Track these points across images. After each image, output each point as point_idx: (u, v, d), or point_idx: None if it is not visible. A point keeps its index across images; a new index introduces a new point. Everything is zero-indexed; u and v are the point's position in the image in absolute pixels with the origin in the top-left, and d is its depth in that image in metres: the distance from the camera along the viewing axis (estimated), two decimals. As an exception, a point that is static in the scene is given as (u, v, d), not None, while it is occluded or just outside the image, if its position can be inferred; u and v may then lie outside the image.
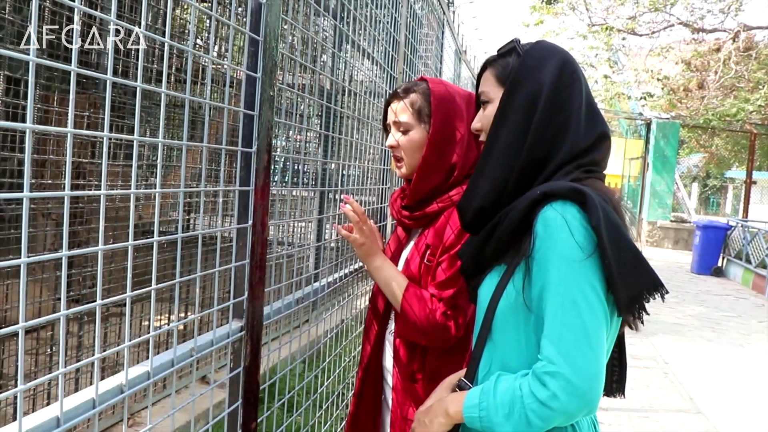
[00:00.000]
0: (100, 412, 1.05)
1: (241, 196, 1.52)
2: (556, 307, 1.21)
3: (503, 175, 1.39)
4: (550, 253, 1.24)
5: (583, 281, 1.21)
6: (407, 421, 1.87)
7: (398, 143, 1.94)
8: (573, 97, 1.39)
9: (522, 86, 1.40)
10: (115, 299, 1.09)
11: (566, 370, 1.16)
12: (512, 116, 1.39)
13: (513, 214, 1.32)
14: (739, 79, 16.64)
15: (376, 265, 1.94)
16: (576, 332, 1.18)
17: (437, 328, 1.78)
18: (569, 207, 1.25)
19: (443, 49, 4.95)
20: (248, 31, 1.49)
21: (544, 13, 17.15)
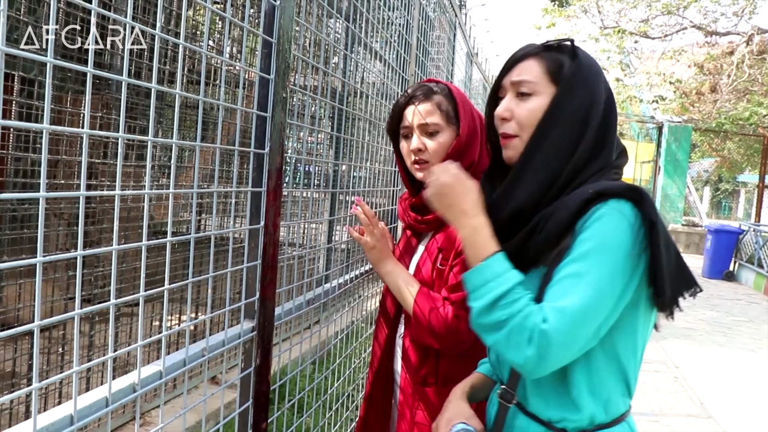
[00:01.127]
0: (112, 411, 1.05)
1: (253, 197, 1.53)
2: (578, 280, 1.20)
3: (549, 178, 1.36)
4: (599, 237, 1.22)
5: (621, 268, 1.21)
6: (417, 425, 1.87)
7: (425, 146, 1.89)
8: (615, 110, 1.42)
9: (580, 90, 1.38)
10: (128, 299, 1.09)
11: (555, 336, 1.16)
12: (566, 119, 1.37)
13: (561, 214, 1.29)
14: (753, 82, 16.55)
15: (387, 270, 1.94)
16: (585, 314, 1.18)
17: (450, 331, 1.77)
18: (624, 205, 1.24)
19: (455, 51, 4.95)
20: (262, 32, 1.49)
21: (556, 15, 17.13)
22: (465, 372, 1.83)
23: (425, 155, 1.90)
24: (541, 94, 1.41)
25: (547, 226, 1.30)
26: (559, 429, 1.33)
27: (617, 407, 1.33)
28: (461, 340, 1.78)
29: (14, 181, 3.65)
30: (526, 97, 1.42)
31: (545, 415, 1.34)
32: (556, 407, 1.33)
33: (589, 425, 1.31)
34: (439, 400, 1.84)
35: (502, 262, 1.29)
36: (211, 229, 1.39)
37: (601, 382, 1.30)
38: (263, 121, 1.52)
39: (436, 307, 1.79)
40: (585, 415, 1.30)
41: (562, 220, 1.28)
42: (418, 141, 1.90)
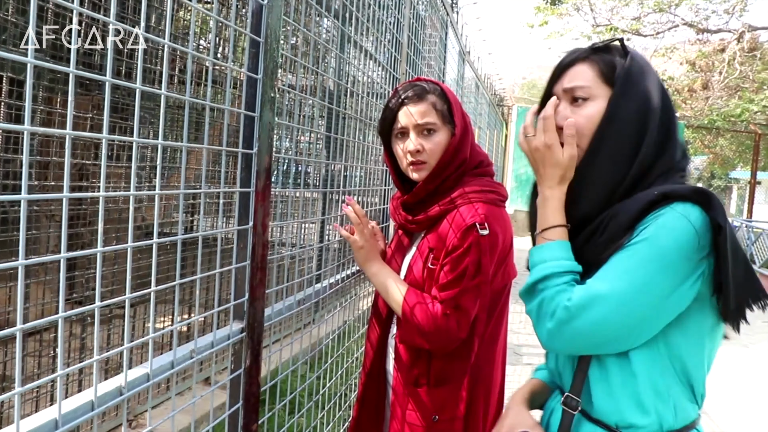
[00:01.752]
0: (103, 413, 1.04)
1: (242, 198, 1.52)
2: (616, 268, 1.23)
3: (612, 183, 1.33)
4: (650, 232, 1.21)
5: (666, 271, 1.19)
6: (408, 425, 1.86)
7: (424, 147, 1.87)
8: (672, 107, 1.38)
9: (636, 90, 1.35)
10: (114, 301, 1.08)
11: (574, 318, 1.21)
12: (625, 122, 1.34)
13: (623, 217, 1.27)
14: (744, 79, 16.62)
15: (374, 271, 1.93)
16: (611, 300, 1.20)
17: (440, 330, 1.76)
18: (691, 208, 1.21)
19: (446, 50, 4.95)
20: (249, 32, 1.48)
21: (548, 13, 17.16)
22: (457, 372, 1.83)
23: (423, 156, 1.88)
24: (597, 98, 1.37)
25: (608, 228, 1.29)
26: None
27: (686, 413, 1.30)
28: (451, 339, 1.77)
29: (4, 183, 3.62)
30: (582, 103, 1.39)
31: (612, 421, 1.32)
32: (623, 412, 1.30)
33: (659, 430, 1.29)
34: (431, 401, 1.84)
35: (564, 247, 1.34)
36: (203, 230, 1.38)
37: (667, 386, 1.28)
38: (251, 120, 1.51)
39: (425, 307, 1.78)
40: (653, 419, 1.28)
41: (623, 223, 1.27)
42: (415, 142, 1.88)
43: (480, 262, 1.76)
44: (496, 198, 1.89)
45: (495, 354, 1.93)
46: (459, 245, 1.77)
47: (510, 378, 5.62)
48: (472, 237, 1.76)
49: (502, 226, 1.85)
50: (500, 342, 1.97)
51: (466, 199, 1.83)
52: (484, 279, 1.78)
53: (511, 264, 1.95)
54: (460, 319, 1.76)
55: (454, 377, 1.84)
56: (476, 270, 1.76)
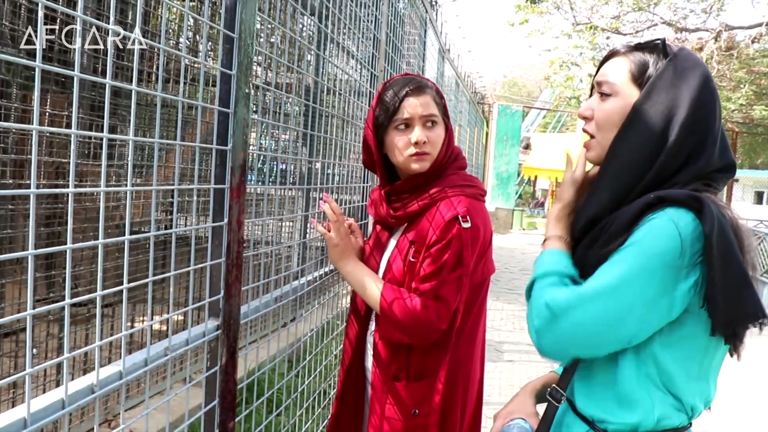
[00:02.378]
0: (82, 413, 1.03)
1: (217, 194, 1.51)
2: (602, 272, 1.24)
3: (626, 187, 1.32)
4: (638, 237, 1.21)
5: (649, 277, 1.18)
6: (387, 420, 1.86)
7: (429, 138, 1.88)
8: (712, 117, 1.31)
9: (662, 95, 1.31)
10: (84, 298, 1.07)
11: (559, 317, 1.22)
12: (646, 126, 1.31)
13: (622, 219, 1.26)
14: (721, 77, 16.80)
15: (348, 269, 1.93)
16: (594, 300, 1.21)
17: (420, 323, 1.76)
18: (684, 214, 1.20)
19: (426, 47, 4.95)
20: (223, 28, 1.48)
21: (528, 12, 17.22)
22: (435, 366, 1.84)
23: (427, 147, 1.88)
24: (620, 96, 1.36)
25: (609, 231, 1.28)
26: (600, 429, 1.32)
27: (669, 420, 1.29)
28: (432, 331, 1.77)
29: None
30: (606, 98, 1.39)
31: (589, 414, 1.34)
32: (600, 408, 1.33)
33: (632, 429, 1.30)
34: (410, 395, 1.84)
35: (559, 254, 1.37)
36: (183, 228, 1.37)
37: (648, 394, 1.27)
38: (226, 117, 1.50)
39: (403, 301, 1.78)
40: (626, 420, 1.29)
41: (620, 225, 1.26)
42: (421, 132, 1.87)
43: (461, 254, 1.77)
44: (476, 192, 1.91)
45: (474, 349, 1.94)
46: (441, 238, 1.78)
47: (491, 375, 5.67)
48: (454, 230, 1.77)
49: (483, 220, 1.86)
50: (479, 338, 1.98)
51: (446, 194, 1.85)
52: (466, 271, 1.78)
53: (490, 260, 1.95)
54: (440, 310, 1.76)
55: (433, 371, 1.85)
56: (457, 262, 1.77)
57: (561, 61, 19.38)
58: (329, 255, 1.95)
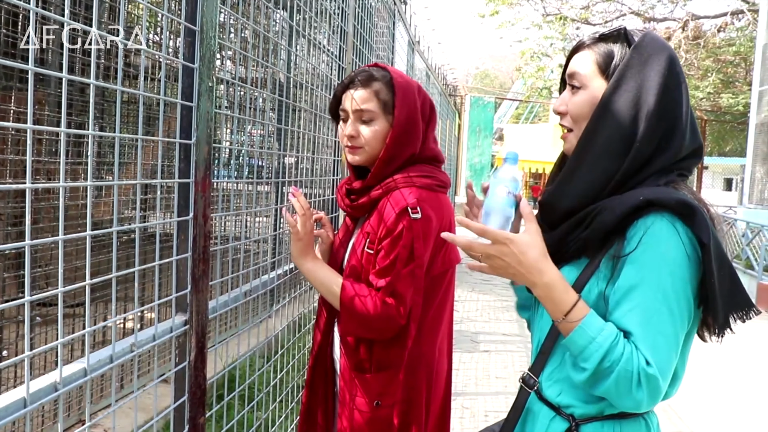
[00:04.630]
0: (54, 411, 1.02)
1: (182, 189, 1.50)
2: (652, 312, 1.20)
3: (602, 179, 1.31)
4: (656, 256, 1.21)
5: (681, 293, 1.21)
6: (355, 411, 1.87)
7: (359, 133, 1.88)
8: (679, 101, 1.32)
9: (629, 84, 1.31)
10: (45, 295, 1.06)
11: (660, 377, 1.18)
12: (616, 116, 1.31)
13: (609, 217, 1.26)
14: (689, 67, 17.03)
15: (309, 267, 1.91)
16: (669, 342, 1.20)
17: (380, 318, 1.77)
18: (676, 221, 1.21)
19: (395, 40, 4.95)
20: (184, 20, 1.46)
21: (499, 3, 17.30)
22: (396, 358, 1.85)
23: (358, 141, 1.89)
24: (589, 88, 1.37)
25: (593, 225, 1.28)
26: (567, 414, 1.34)
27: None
28: (392, 325, 1.79)
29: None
30: (576, 91, 1.39)
31: (556, 401, 1.36)
32: (567, 395, 1.35)
33: (598, 413, 1.32)
34: (373, 386, 1.85)
35: (595, 316, 1.25)
36: (145, 224, 1.36)
37: None
38: (189, 111, 1.49)
39: (362, 298, 1.79)
40: (593, 405, 1.31)
41: (607, 223, 1.26)
42: (351, 127, 1.90)
43: (413, 246, 1.77)
44: (431, 183, 1.88)
45: (437, 339, 1.95)
46: (392, 229, 1.79)
47: (467, 365, 5.70)
48: (404, 221, 1.77)
49: (438, 210, 1.85)
50: (443, 327, 1.98)
51: (399, 184, 1.84)
52: (419, 263, 1.79)
53: (452, 250, 1.95)
54: (398, 306, 1.78)
55: (394, 363, 1.85)
56: (409, 255, 1.77)
57: (532, 52, 19.51)
58: (291, 250, 1.93)
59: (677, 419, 4.90)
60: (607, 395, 1.23)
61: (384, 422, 1.85)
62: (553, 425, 1.35)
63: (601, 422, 1.31)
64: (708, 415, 5.01)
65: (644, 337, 1.20)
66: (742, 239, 11.38)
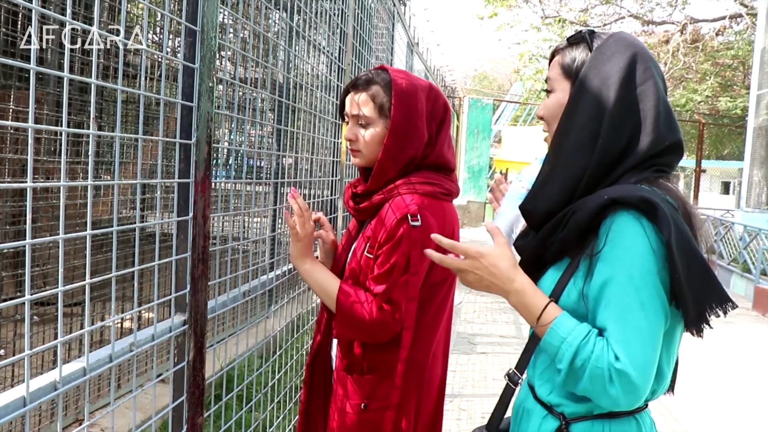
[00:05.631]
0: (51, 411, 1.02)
1: (181, 189, 1.50)
2: (623, 307, 1.22)
3: (574, 178, 1.34)
4: (622, 252, 1.23)
5: (651, 286, 1.22)
6: (342, 412, 1.87)
7: (357, 137, 1.89)
8: (645, 96, 1.33)
9: (590, 84, 1.34)
10: (43, 294, 1.06)
11: (633, 372, 1.18)
12: (581, 116, 1.34)
13: (580, 216, 1.28)
14: (688, 70, 17.08)
15: (306, 268, 1.91)
16: (643, 336, 1.20)
17: (375, 324, 1.77)
18: (641, 218, 1.23)
19: (394, 41, 4.95)
20: (185, 21, 1.47)
21: (497, 5, 17.33)
22: (387, 362, 1.85)
23: (357, 145, 1.91)
24: (557, 91, 1.42)
25: (568, 225, 1.31)
26: (557, 413, 1.36)
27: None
28: (387, 331, 1.79)
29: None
30: (548, 95, 1.45)
31: (547, 400, 1.38)
32: (557, 394, 1.36)
33: (588, 412, 1.33)
34: (362, 388, 1.86)
35: (567, 317, 1.27)
36: (145, 223, 1.36)
37: None
38: (189, 111, 1.49)
39: (359, 303, 1.79)
40: (582, 404, 1.33)
41: (580, 222, 1.28)
42: (350, 131, 1.92)
43: (410, 255, 1.77)
44: (435, 190, 1.87)
45: (432, 345, 1.94)
46: (390, 237, 1.79)
47: (464, 367, 5.70)
48: (403, 229, 1.77)
49: (440, 218, 1.84)
50: (439, 333, 1.98)
51: (402, 191, 1.84)
52: (413, 272, 1.78)
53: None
54: (393, 313, 1.78)
55: (384, 367, 1.85)
56: (407, 263, 1.77)
57: (530, 54, 19.53)
58: (290, 251, 1.93)
59: (673, 421, 4.90)
60: (586, 393, 1.25)
61: (371, 425, 1.85)
62: (545, 424, 1.37)
63: (591, 421, 1.33)
64: (704, 417, 5.02)
65: (615, 332, 1.22)
66: (739, 243, 11.39)
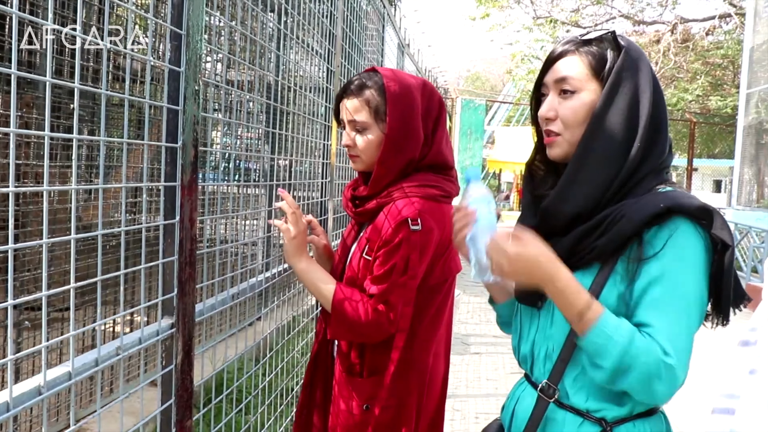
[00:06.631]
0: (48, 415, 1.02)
1: (168, 192, 1.50)
2: (673, 307, 1.25)
3: (605, 182, 1.33)
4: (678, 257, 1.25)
5: (698, 291, 1.26)
6: (342, 413, 1.87)
7: (354, 142, 1.89)
8: (662, 102, 1.37)
9: (625, 87, 1.33)
10: (28, 299, 1.06)
11: (680, 369, 1.22)
12: (617, 118, 1.33)
13: (627, 225, 1.27)
14: (678, 69, 17.14)
15: (302, 267, 1.90)
16: (689, 336, 1.25)
17: (370, 325, 1.77)
18: (697, 227, 1.26)
19: (384, 42, 4.96)
20: (170, 24, 1.47)
21: (489, 6, 17.36)
22: (387, 363, 1.85)
23: (355, 151, 1.91)
24: (584, 91, 1.37)
25: (610, 233, 1.29)
26: (597, 418, 1.33)
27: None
28: (381, 332, 1.79)
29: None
30: (569, 95, 1.39)
31: (584, 407, 1.34)
32: (595, 399, 1.34)
33: (629, 414, 1.33)
34: (363, 390, 1.86)
35: (610, 314, 1.26)
36: (131, 227, 1.36)
37: None
38: (175, 114, 1.49)
39: (354, 303, 1.79)
40: (626, 405, 1.33)
41: (626, 231, 1.27)
42: (347, 137, 1.92)
43: (409, 258, 1.77)
44: (436, 193, 1.87)
45: (432, 345, 1.94)
46: (391, 239, 1.78)
47: (458, 368, 5.70)
48: (403, 232, 1.77)
49: (440, 220, 1.84)
50: (440, 334, 1.98)
51: (403, 193, 1.84)
52: (411, 275, 1.79)
53: (452, 259, 1.94)
54: (389, 314, 1.78)
55: (384, 368, 1.85)
56: (405, 267, 1.77)
57: (522, 54, 19.57)
58: (285, 249, 1.92)
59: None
60: (629, 389, 1.25)
61: (372, 426, 1.85)
62: (583, 431, 1.34)
63: (633, 422, 1.33)
64: (699, 418, 5.04)
65: (662, 329, 1.23)
66: (731, 241, 11.42)
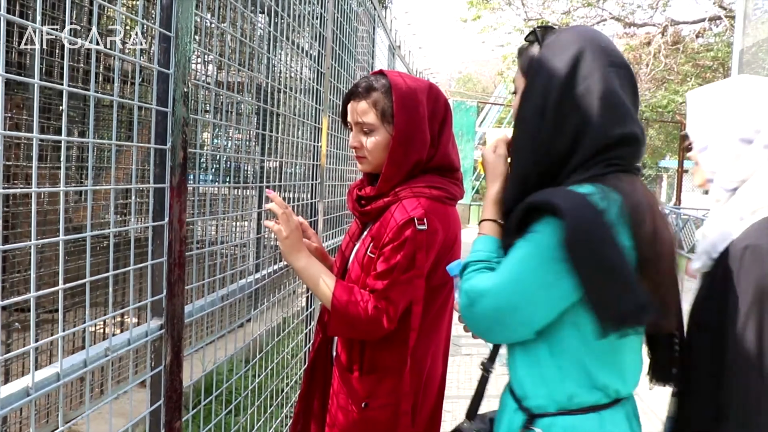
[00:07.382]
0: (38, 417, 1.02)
1: (157, 194, 1.50)
2: (509, 258, 1.32)
3: (524, 173, 1.37)
4: (531, 240, 1.29)
5: (537, 268, 1.28)
6: (341, 410, 1.88)
7: (362, 144, 1.91)
8: (590, 91, 1.30)
9: (536, 79, 1.36)
10: (17, 299, 1.06)
11: (474, 310, 1.33)
12: (528, 112, 1.36)
13: (511, 221, 1.36)
14: (669, 71, 17.22)
15: (301, 264, 1.90)
16: (507, 285, 1.29)
17: (369, 321, 1.78)
18: (556, 221, 1.25)
19: (375, 44, 4.96)
20: (159, 26, 1.47)
21: (481, 8, 17.38)
22: (387, 362, 1.87)
23: (362, 152, 1.93)
24: (519, 90, 1.43)
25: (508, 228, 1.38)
26: (524, 407, 1.39)
27: (580, 397, 1.34)
28: (380, 329, 1.80)
29: None
30: (515, 96, 1.47)
31: (517, 392, 1.42)
32: (523, 386, 1.39)
33: (555, 409, 1.35)
34: (362, 387, 1.87)
35: (492, 239, 1.42)
36: (120, 228, 1.37)
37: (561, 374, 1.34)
38: (164, 116, 1.49)
39: (355, 301, 1.80)
40: (540, 396, 1.36)
41: (511, 225, 1.35)
42: (354, 138, 1.94)
43: (414, 256, 1.78)
44: (441, 195, 1.89)
45: (432, 346, 1.96)
46: (395, 238, 1.80)
47: (449, 369, 5.67)
48: (408, 231, 1.78)
49: (445, 222, 1.86)
50: (440, 335, 2.00)
51: (410, 193, 1.86)
52: (418, 273, 1.80)
53: (456, 259, 1.95)
54: (388, 311, 1.78)
55: (385, 366, 1.87)
56: (409, 264, 1.78)
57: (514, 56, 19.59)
58: (282, 249, 1.91)
59: (657, 421, 4.93)
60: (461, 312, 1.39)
61: (370, 424, 1.86)
62: (516, 417, 1.40)
63: (552, 417, 1.35)
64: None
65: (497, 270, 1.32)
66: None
